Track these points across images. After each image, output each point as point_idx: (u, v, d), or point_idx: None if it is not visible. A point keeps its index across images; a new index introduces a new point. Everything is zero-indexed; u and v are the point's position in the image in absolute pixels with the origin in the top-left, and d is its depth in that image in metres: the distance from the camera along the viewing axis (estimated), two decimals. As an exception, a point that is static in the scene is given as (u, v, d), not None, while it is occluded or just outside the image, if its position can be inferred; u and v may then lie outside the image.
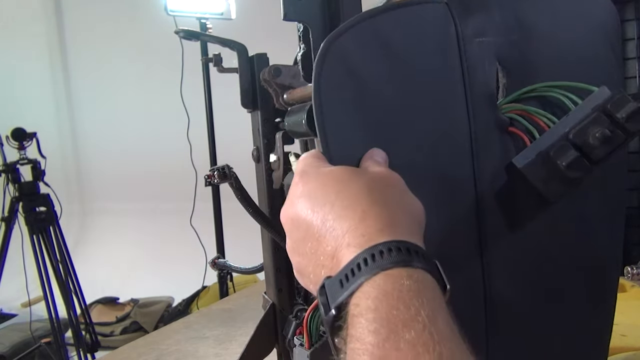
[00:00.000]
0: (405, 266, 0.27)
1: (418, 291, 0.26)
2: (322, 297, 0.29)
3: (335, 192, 0.32)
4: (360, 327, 0.25)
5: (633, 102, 0.37)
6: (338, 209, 0.31)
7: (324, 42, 0.38)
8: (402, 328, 0.24)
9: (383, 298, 0.26)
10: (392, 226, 0.29)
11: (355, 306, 0.26)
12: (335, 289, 0.28)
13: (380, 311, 0.25)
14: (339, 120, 0.38)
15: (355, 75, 0.38)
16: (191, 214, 2.39)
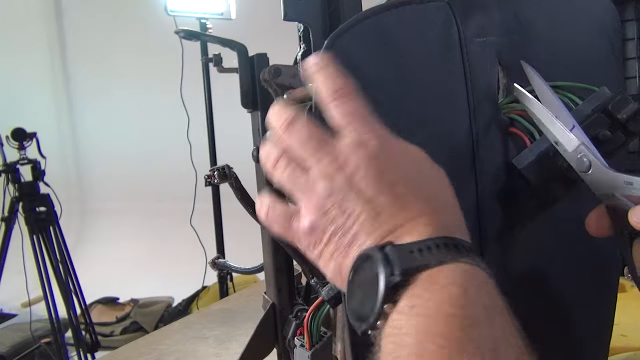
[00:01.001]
0: (477, 266, 0.27)
1: (492, 290, 0.27)
2: (379, 254, 0.27)
3: (434, 174, 0.32)
4: (446, 303, 0.25)
5: (634, 103, 0.37)
6: (436, 186, 0.32)
7: (328, 39, 0.38)
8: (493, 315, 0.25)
9: (470, 284, 0.26)
10: (462, 227, 0.31)
11: (429, 279, 0.26)
12: (404, 256, 0.27)
13: (470, 294, 0.26)
14: None
15: (357, 73, 0.38)
16: (191, 214, 2.39)
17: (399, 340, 0.25)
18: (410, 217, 0.29)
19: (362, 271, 0.28)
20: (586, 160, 0.35)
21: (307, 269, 0.61)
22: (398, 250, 0.27)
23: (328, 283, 0.56)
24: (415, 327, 0.25)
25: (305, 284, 0.67)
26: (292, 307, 0.67)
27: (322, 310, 0.51)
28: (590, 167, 0.35)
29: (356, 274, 0.29)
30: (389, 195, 0.30)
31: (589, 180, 0.35)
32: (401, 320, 0.26)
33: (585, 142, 0.35)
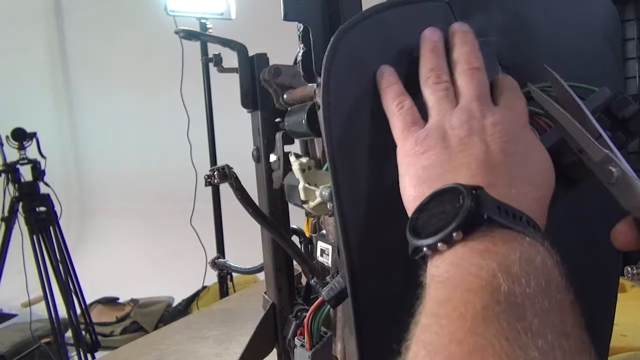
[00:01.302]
0: (549, 252, 0.29)
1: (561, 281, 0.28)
2: (469, 191, 0.28)
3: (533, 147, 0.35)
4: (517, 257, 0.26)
5: (634, 104, 0.37)
6: (541, 181, 0.34)
7: (333, 37, 0.38)
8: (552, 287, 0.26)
9: (545, 260, 0.27)
10: (543, 223, 0.32)
11: (506, 238, 0.27)
12: (491, 204, 0.28)
13: (548, 275, 0.26)
14: (346, 118, 0.38)
15: (363, 70, 0.39)
16: (191, 214, 2.39)
17: (470, 270, 0.26)
18: (510, 185, 0.31)
19: (443, 200, 0.30)
20: (614, 171, 0.33)
21: (307, 269, 0.61)
22: (489, 198, 0.29)
23: (328, 283, 0.56)
24: (495, 267, 0.25)
25: (305, 284, 0.67)
26: (292, 307, 0.67)
27: (322, 310, 0.51)
28: (618, 179, 0.33)
29: (435, 199, 0.30)
30: (506, 159, 0.32)
31: (616, 192, 0.34)
32: (474, 258, 0.26)
33: (614, 151, 0.34)
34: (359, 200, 0.39)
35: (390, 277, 0.41)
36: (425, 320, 0.26)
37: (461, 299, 0.25)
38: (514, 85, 0.38)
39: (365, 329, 0.41)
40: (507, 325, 0.23)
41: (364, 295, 0.41)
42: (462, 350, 0.22)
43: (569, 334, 0.24)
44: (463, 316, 0.24)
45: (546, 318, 0.23)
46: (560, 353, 0.22)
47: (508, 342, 0.22)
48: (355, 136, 0.38)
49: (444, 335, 0.24)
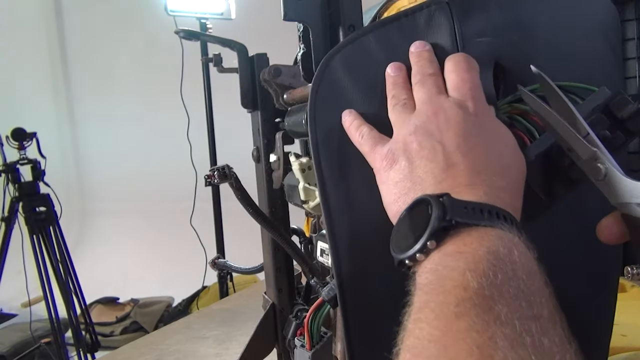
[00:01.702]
0: (520, 239, 0.30)
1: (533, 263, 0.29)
2: (436, 200, 0.30)
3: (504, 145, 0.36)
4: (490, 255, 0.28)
5: (633, 104, 0.37)
6: (508, 167, 0.34)
7: (320, 64, 0.40)
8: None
9: (515, 249, 0.28)
10: (517, 210, 0.33)
11: (477, 235, 0.29)
12: (458, 208, 0.30)
13: (514, 256, 0.28)
14: (334, 143, 0.41)
15: (347, 96, 0.40)
16: (191, 214, 2.39)
17: (443, 274, 0.28)
18: (474, 181, 0.33)
19: (415, 212, 0.32)
20: (602, 168, 0.34)
21: (307, 269, 0.61)
22: (454, 202, 0.30)
23: (328, 283, 0.56)
24: (463, 267, 0.27)
25: (305, 284, 0.67)
26: (292, 307, 0.67)
27: (322, 310, 0.51)
28: (605, 175, 0.34)
29: (409, 212, 0.32)
30: (465, 156, 0.34)
31: (604, 189, 0.35)
32: (447, 260, 0.28)
33: (601, 150, 0.34)
34: (346, 212, 0.41)
35: (379, 283, 0.42)
36: (409, 326, 0.28)
37: (437, 301, 0.27)
38: (459, 65, 0.38)
39: (355, 333, 0.42)
40: (477, 318, 0.25)
41: (351, 300, 0.42)
42: (439, 348, 0.24)
43: (538, 316, 0.25)
44: (438, 317, 0.26)
45: (514, 305, 0.25)
46: (528, 337, 0.24)
47: (478, 334, 0.24)
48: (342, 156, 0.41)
49: (423, 337, 0.26)
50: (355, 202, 0.41)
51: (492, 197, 0.32)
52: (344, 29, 0.44)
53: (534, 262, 0.29)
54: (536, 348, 0.23)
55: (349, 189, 0.41)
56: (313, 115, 0.40)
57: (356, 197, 0.41)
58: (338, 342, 0.53)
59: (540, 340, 0.24)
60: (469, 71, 0.38)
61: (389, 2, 0.53)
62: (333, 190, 0.41)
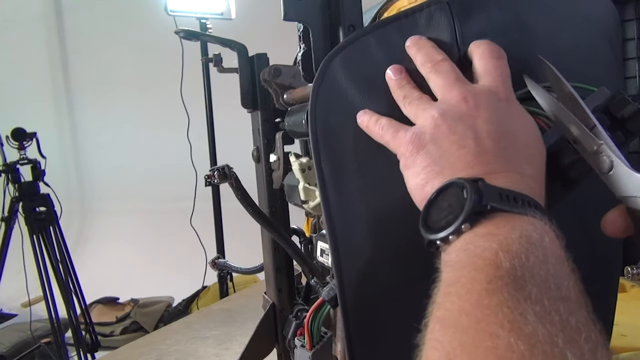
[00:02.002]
0: (551, 228, 0.31)
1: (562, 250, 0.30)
2: (472, 184, 0.30)
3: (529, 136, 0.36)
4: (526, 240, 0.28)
5: (633, 104, 0.37)
6: (534, 156, 0.35)
7: (321, 65, 0.40)
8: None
9: (546, 236, 0.29)
10: (542, 198, 0.34)
11: (509, 221, 0.29)
12: (493, 194, 0.30)
13: (545, 242, 0.29)
14: (335, 143, 0.41)
15: (348, 97, 0.40)
16: (191, 214, 2.39)
17: (475, 252, 0.28)
18: (507, 169, 0.33)
19: (448, 194, 0.32)
20: (608, 161, 0.34)
21: (307, 269, 0.61)
22: (489, 188, 0.31)
23: (328, 283, 0.56)
24: (496, 247, 0.28)
25: (305, 284, 0.67)
26: (292, 307, 0.67)
27: (322, 310, 0.51)
28: (611, 168, 0.34)
29: (441, 194, 0.32)
30: (497, 143, 0.33)
31: (609, 182, 0.34)
32: (479, 241, 0.29)
33: (607, 142, 0.34)
34: (347, 212, 0.41)
35: (379, 283, 0.42)
36: (439, 299, 0.28)
37: (468, 277, 0.27)
38: (486, 51, 0.38)
39: (355, 333, 0.42)
40: (508, 295, 0.25)
41: (351, 300, 0.42)
42: (470, 320, 0.25)
43: (565, 298, 0.26)
44: (470, 292, 0.27)
45: (544, 286, 0.26)
46: (556, 315, 0.25)
47: (509, 310, 0.25)
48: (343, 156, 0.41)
49: (454, 310, 0.27)
50: (355, 202, 0.41)
51: (523, 185, 0.32)
52: (344, 29, 0.44)
53: (563, 249, 0.30)
54: (564, 325, 0.24)
55: (349, 189, 0.41)
56: (314, 116, 0.40)
57: (356, 197, 0.41)
58: (338, 342, 0.53)
59: (567, 319, 0.25)
60: (500, 58, 0.38)
61: (389, 2, 0.53)
62: (333, 190, 0.41)
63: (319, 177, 0.41)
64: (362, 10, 0.45)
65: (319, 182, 0.41)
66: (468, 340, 0.24)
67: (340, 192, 0.41)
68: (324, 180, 0.41)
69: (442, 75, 0.37)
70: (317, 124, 0.40)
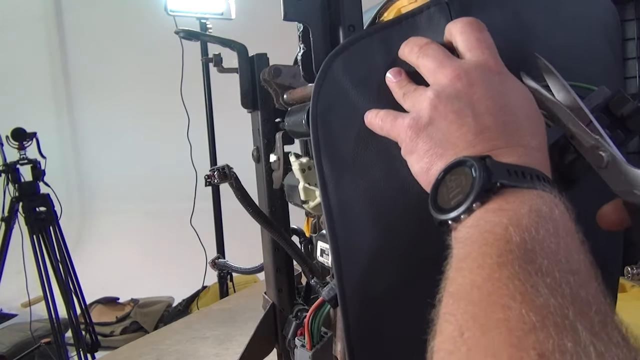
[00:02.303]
0: (560, 200, 0.31)
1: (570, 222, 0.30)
2: (479, 162, 0.30)
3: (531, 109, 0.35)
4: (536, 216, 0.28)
5: (633, 102, 0.37)
6: (535, 126, 0.34)
7: (322, 66, 0.40)
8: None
9: (555, 209, 0.29)
10: (547, 169, 0.33)
11: (518, 195, 0.30)
12: (501, 170, 0.30)
13: (555, 215, 0.29)
14: (335, 140, 0.41)
15: (350, 97, 0.40)
16: (191, 214, 2.39)
17: (486, 228, 0.29)
18: (511, 143, 0.32)
19: (455, 173, 0.32)
20: (604, 156, 0.34)
21: (307, 269, 0.61)
22: (497, 165, 0.30)
23: (328, 283, 0.56)
24: (506, 222, 0.28)
25: (305, 284, 0.67)
26: (292, 307, 0.67)
27: (322, 310, 0.51)
28: (608, 163, 0.34)
29: (448, 174, 0.32)
30: (497, 118, 0.33)
31: (606, 177, 0.35)
32: (489, 216, 0.29)
33: (604, 137, 0.34)
34: (347, 211, 0.41)
35: (379, 283, 0.42)
36: (451, 275, 0.29)
37: (479, 252, 0.28)
38: (470, 25, 0.37)
39: (354, 333, 0.42)
40: (519, 268, 0.25)
41: (351, 300, 0.42)
42: (482, 293, 0.25)
43: (575, 270, 0.26)
44: (481, 266, 0.27)
45: (554, 259, 0.26)
46: (567, 288, 0.25)
47: (520, 282, 0.25)
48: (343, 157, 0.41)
49: (466, 284, 0.27)
50: (355, 202, 0.41)
51: (529, 158, 0.32)
52: (344, 29, 0.44)
53: (572, 221, 0.30)
54: (574, 298, 0.24)
55: (350, 189, 0.41)
56: (315, 117, 0.40)
57: (357, 197, 0.41)
58: (338, 342, 0.53)
59: (578, 292, 0.25)
60: (482, 31, 0.37)
61: (389, 2, 0.53)
62: (333, 190, 0.41)
63: (319, 177, 0.41)
64: (362, 10, 0.46)
65: (320, 182, 0.41)
66: (480, 313, 0.25)
67: (341, 192, 0.41)
68: (325, 180, 0.41)
69: (430, 58, 0.36)
70: (318, 124, 0.41)
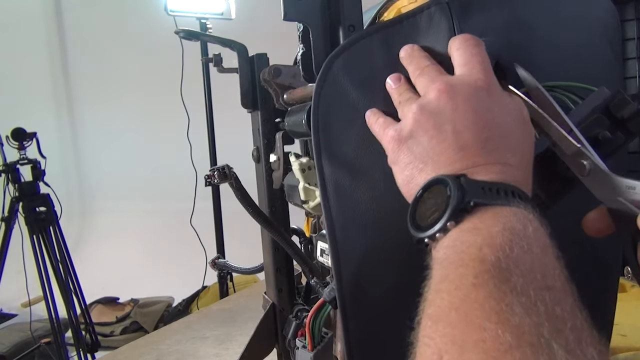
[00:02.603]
0: (535, 216, 0.31)
1: (546, 237, 0.30)
2: (455, 181, 0.31)
3: (515, 122, 0.35)
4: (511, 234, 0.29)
5: (633, 104, 0.37)
6: (519, 142, 0.35)
7: (323, 67, 0.40)
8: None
9: (530, 226, 0.30)
10: (528, 185, 0.34)
11: (493, 214, 0.30)
12: (476, 189, 0.31)
13: (528, 232, 0.29)
14: (336, 141, 0.41)
15: (351, 97, 0.41)
16: (191, 214, 2.39)
17: (461, 249, 0.29)
18: (490, 160, 0.33)
19: (432, 191, 0.32)
20: (586, 164, 0.35)
21: (307, 269, 0.61)
22: (471, 183, 0.31)
23: (328, 283, 0.56)
24: (480, 242, 0.29)
25: (305, 284, 0.67)
26: (292, 307, 0.67)
27: (324, 311, 0.51)
28: (590, 171, 0.35)
29: (426, 192, 0.33)
30: (477, 135, 0.34)
31: (588, 184, 0.35)
32: (464, 236, 0.30)
33: (585, 145, 0.35)
34: (347, 212, 0.41)
35: (379, 283, 0.42)
36: (430, 297, 0.29)
37: (456, 273, 0.28)
38: (462, 42, 0.38)
39: (354, 334, 0.42)
40: (494, 288, 0.26)
41: (351, 301, 0.42)
42: (459, 315, 0.26)
43: (550, 286, 0.27)
44: (458, 287, 0.27)
45: (529, 276, 0.27)
46: (542, 305, 0.25)
47: (496, 302, 0.25)
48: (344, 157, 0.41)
49: (444, 306, 0.27)
50: (355, 203, 0.41)
51: (506, 175, 0.32)
52: (344, 29, 0.44)
53: (547, 237, 0.30)
54: (549, 315, 0.25)
55: (350, 189, 0.41)
56: (316, 117, 0.40)
57: (357, 197, 0.41)
58: (338, 342, 0.53)
59: (553, 309, 0.25)
60: (477, 46, 0.38)
61: (389, 2, 0.52)
62: (333, 191, 0.41)
63: (319, 177, 0.41)
64: (362, 10, 0.46)
65: (320, 182, 0.41)
66: (458, 334, 0.25)
67: (341, 193, 0.41)
68: (325, 180, 0.41)
69: (424, 76, 0.38)
70: (319, 126, 0.41)
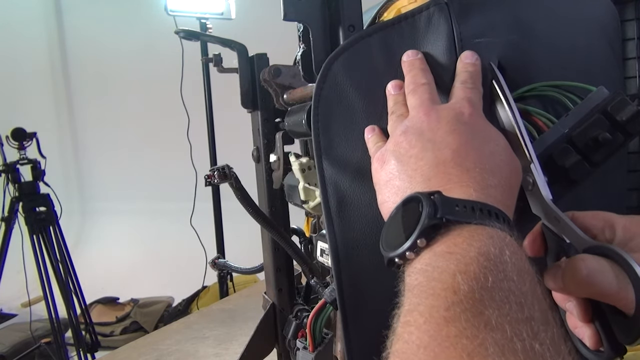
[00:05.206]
0: (512, 237, 0.29)
1: (524, 260, 0.29)
2: (427, 198, 0.30)
3: (494, 143, 0.35)
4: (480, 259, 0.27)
5: (633, 105, 0.37)
6: (500, 167, 0.34)
7: (323, 67, 0.41)
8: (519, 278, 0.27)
9: (505, 248, 0.28)
10: (509, 207, 0.33)
11: (468, 234, 0.29)
12: (449, 206, 0.29)
13: (505, 256, 0.28)
14: (336, 145, 0.41)
15: (350, 97, 0.41)
16: (191, 214, 2.39)
17: (433, 276, 0.27)
18: (465, 178, 0.32)
19: (406, 210, 0.31)
20: (530, 180, 0.36)
21: (307, 269, 0.61)
22: (445, 200, 0.30)
23: (328, 283, 0.56)
24: (453, 269, 0.27)
25: (305, 284, 0.67)
26: (292, 307, 0.68)
27: (325, 312, 0.51)
28: (533, 188, 0.36)
29: (400, 210, 0.32)
30: (455, 153, 0.33)
31: (529, 199, 0.37)
32: (437, 261, 0.28)
33: (535, 163, 0.36)
34: (347, 212, 0.41)
35: (378, 284, 0.42)
36: (398, 330, 0.27)
37: (426, 305, 0.26)
38: (462, 74, 0.39)
39: (354, 335, 0.42)
40: (467, 324, 0.24)
41: (351, 302, 0.42)
42: (428, 354, 0.24)
43: (529, 318, 0.25)
44: (428, 321, 0.25)
45: (504, 308, 0.25)
46: (519, 342, 0.23)
47: (468, 340, 0.23)
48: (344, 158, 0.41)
49: (412, 342, 0.25)
50: (355, 203, 0.41)
51: (484, 195, 0.31)
52: (344, 29, 0.44)
53: (526, 261, 0.28)
54: (527, 353, 0.23)
55: (350, 189, 0.41)
56: (317, 117, 0.41)
57: (357, 198, 0.41)
58: (338, 342, 0.54)
59: (531, 345, 0.23)
60: (474, 66, 0.39)
61: (389, 2, 0.53)
62: (333, 191, 0.41)
63: (319, 177, 0.41)
64: (362, 10, 0.46)
65: (320, 182, 0.41)
66: None
67: (341, 193, 0.41)
68: (325, 180, 0.41)
69: (417, 96, 0.38)
70: (320, 125, 0.41)
